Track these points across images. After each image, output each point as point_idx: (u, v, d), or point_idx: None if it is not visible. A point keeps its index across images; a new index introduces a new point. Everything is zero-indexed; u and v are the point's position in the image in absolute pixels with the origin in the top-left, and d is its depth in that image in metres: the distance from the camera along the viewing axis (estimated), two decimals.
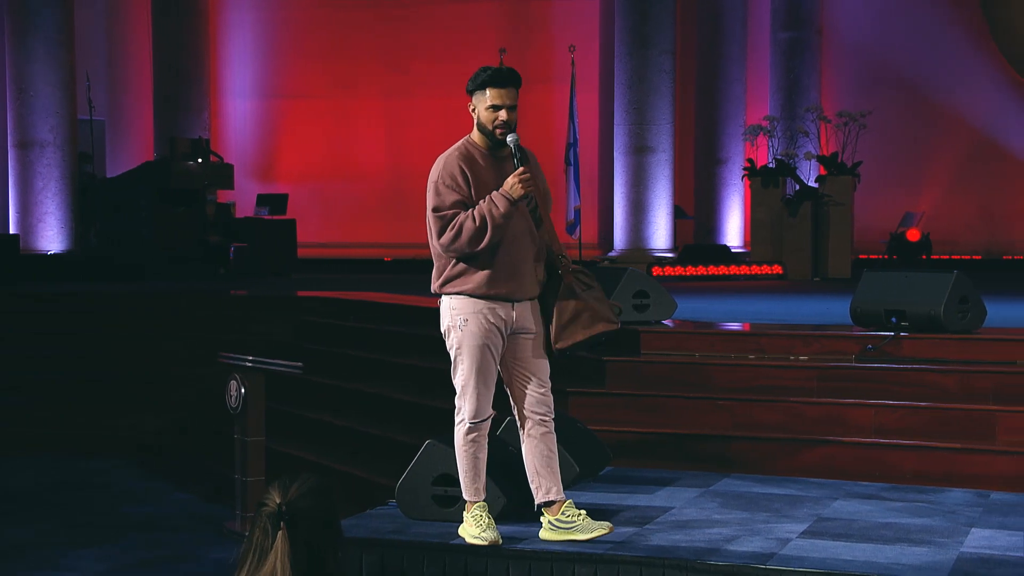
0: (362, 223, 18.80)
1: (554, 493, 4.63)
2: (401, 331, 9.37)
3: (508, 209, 4.41)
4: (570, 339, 4.54)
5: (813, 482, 5.83)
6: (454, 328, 4.56)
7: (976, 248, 17.39)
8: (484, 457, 4.65)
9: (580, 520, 4.60)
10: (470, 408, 4.57)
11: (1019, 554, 4.44)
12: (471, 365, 4.53)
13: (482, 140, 4.57)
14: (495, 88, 4.49)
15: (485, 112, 4.51)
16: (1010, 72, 17.59)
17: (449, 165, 4.53)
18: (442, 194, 4.49)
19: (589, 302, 4.55)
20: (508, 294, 4.51)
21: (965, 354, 6.59)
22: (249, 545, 2.56)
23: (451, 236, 4.45)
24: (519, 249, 4.52)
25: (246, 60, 19.51)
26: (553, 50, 18.11)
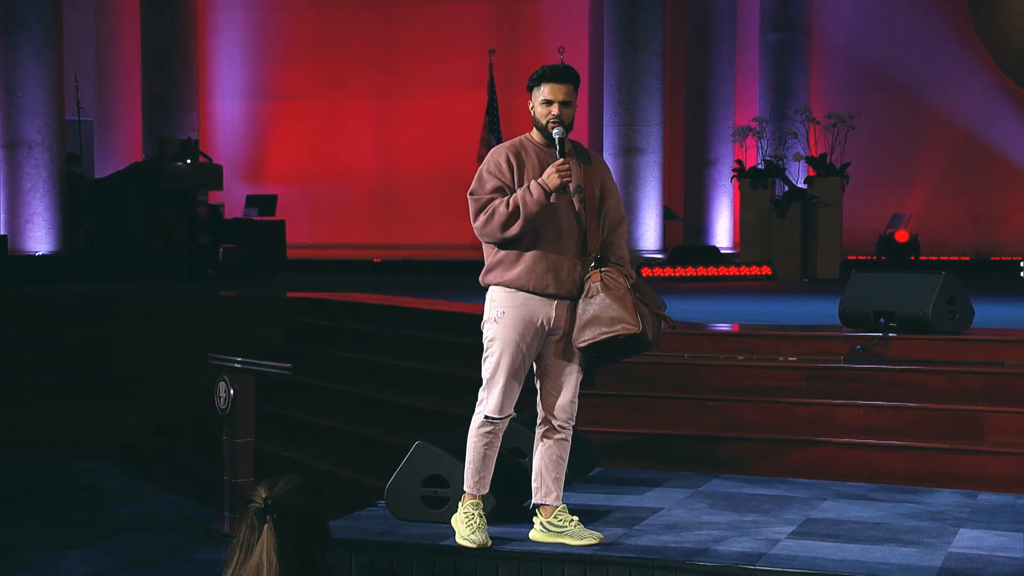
0: (351, 224, 18.78)
1: (552, 498, 4.64)
2: (391, 332, 9.36)
3: (542, 198, 4.37)
4: (588, 339, 4.45)
5: (802, 483, 5.84)
6: (491, 320, 4.51)
7: (964, 249, 17.44)
8: (494, 456, 4.60)
9: (571, 526, 4.60)
10: (492, 402, 4.50)
11: (1007, 555, 4.45)
12: (501, 359, 4.47)
13: (538, 136, 4.57)
14: (550, 83, 4.49)
15: (540, 107, 4.52)
16: (998, 74, 17.65)
17: (497, 154, 4.54)
18: (484, 180, 4.50)
19: (610, 303, 4.44)
20: (548, 288, 4.46)
21: (953, 355, 6.61)
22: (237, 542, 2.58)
23: (484, 219, 4.44)
24: (564, 246, 4.48)
25: (235, 61, 19.48)
26: (542, 51, 18.10)
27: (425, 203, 18.62)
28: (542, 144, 4.55)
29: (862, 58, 17.86)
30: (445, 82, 18.56)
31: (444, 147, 18.47)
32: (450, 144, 18.32)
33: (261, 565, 2.53)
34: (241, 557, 2.57)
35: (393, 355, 8.92)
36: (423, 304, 10.10)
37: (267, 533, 2.54)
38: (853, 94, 17.27)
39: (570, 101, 4.50)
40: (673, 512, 5.19)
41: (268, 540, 2.54)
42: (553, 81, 4.49)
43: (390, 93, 18.86)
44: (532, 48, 18.38)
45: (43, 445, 9.79)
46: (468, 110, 17.73)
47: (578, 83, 4.56)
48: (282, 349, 9.72)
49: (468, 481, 4.63)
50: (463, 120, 17.94)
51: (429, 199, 18.61)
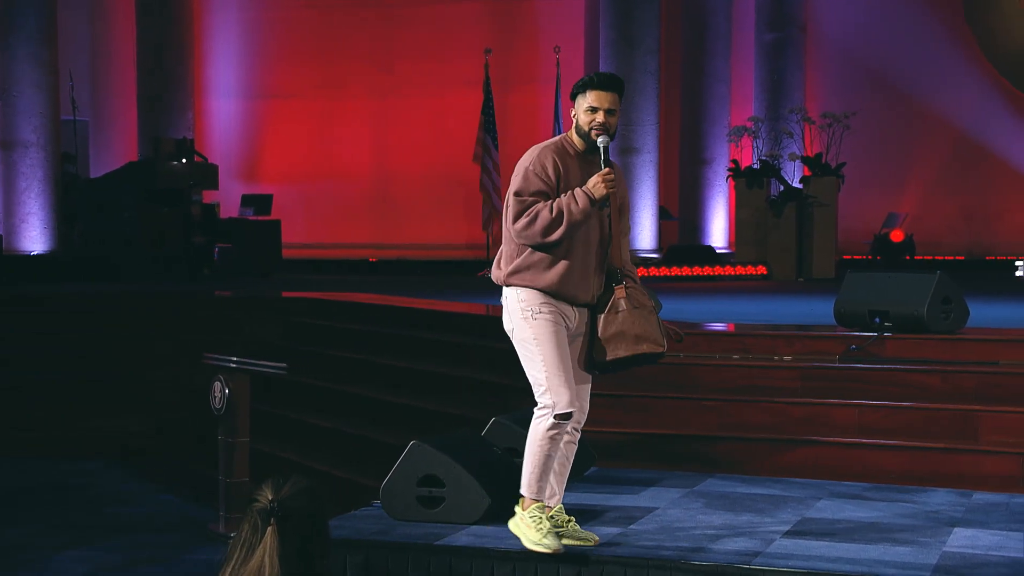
0: (347, 224, 18.78)
1: (555, 500, 4.62)
2: (387, 332, 9.36)
3: (587, 206, 4.36)
4: (611, 355, 4.43)
5: (797, 482, 5.85)
6: (526, 320, 4.43)
7: (959, 249, 17.47)
8: (556, 455, 4.51)
9: (568, 526, 4.58)
10: (559, 398, 4.38)
11: (1002, 554, 4.46)
12: (552, 353, 4.39)
13: (579, 141, 4.52)
14: (596, 91, 4.45)
15: (584, 114, 4.47)
16: (993, 74, 17.68)
17: (543, 155, 4.48)
18: (529, 180, 4.44)
19: (637, 319, 4.44)
20: (577, 297, 4.45)
21: (948, 354, 6.62)
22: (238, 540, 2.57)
23: (526, 222, 4.39)
24: (592, 256, 4.47)
25: (231, 60, 19.47)
26: (538, 51, 18.12)
27: (421, 203, 18.62)
28: (581, 149, 4.50)
29: (858, 58, 17.88)
30: (441, 82, 18.56)
31: (440, 147, 18.48)
32: (446, 144, 18.32)
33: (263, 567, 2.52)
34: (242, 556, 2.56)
35: (390, 355, 8.92)
36: (420, 304, 10.10)
37: (270, 535, 2.53)
38: (848, 94, 17.29)
39: (615, 109, 4.47)
40: (668, 512, 5.20)
41: (271, 542, 2.53)
42: (599, 89, 4.46)
43: (386, 93, 18.87)
44: (528, 47, 18.39)
45: (43, 445, 9.79)
46: (464, 110, 17.73)
47: (623, 91, 4.54)
48: (278, 349, 9.72)
49: (532, 486, 4.49)
50: (459, 120, 17.94)
51: (425, 199, 18.61)
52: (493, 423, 5.82)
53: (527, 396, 7.07)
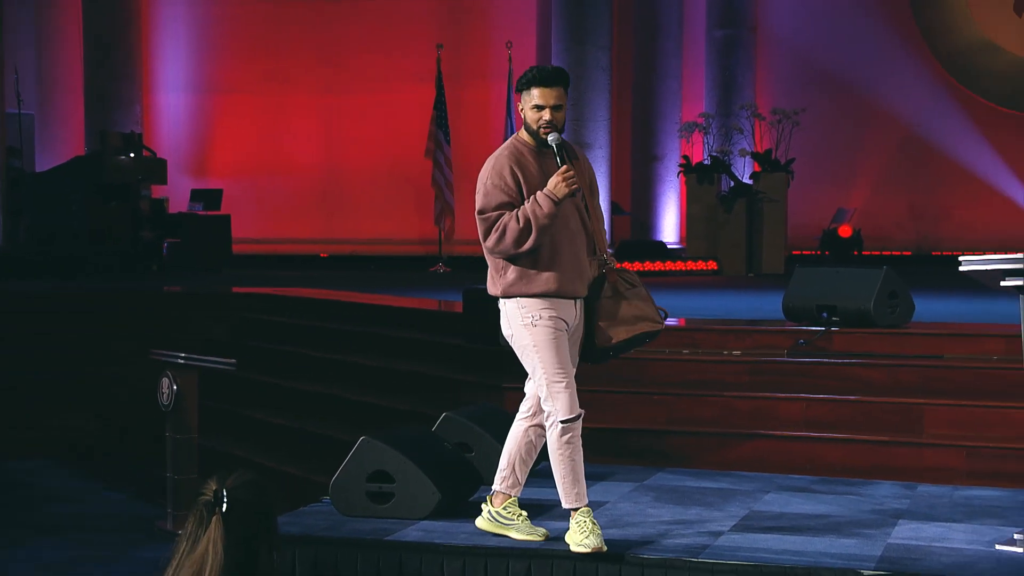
0: (298, 219, 18.67)
1: (516, 491, 4.61)
2: (337, 328, 9.33)
3: (552, 209, 4.32)
4: (613, 338, 4.44)
5: (745, 475, 5.89)
6: (526, 327, 4.40)
7: (906, 244, 17.68)
8: (581, 459, 4.46)
9: (519, 520, 4.59)
10: (562, 406, 4.38)
11: (944, 545, 4.52)
12: (552, 359, 4.37)
13: (528, 137, 4.48)
14: (540, 87, 4.40)
15: (530, 112, 4.42)
16: (940, 72, 17.90)
17: (499, 164, 4.43)
18: (489, 194, 4.40)
19: (633, 301, 4.46)
20: (574, 291, 4.43)
21: (894, 348, 6.71)
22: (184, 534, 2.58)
23: (496, 238, 4.36)
24: (578, 246, 4.44)
25: (179, 54, 19.28)
26: (490, 46, 18.10)
27: (373, 198, 18.55)
28: (534, 146, 4.47)
29: (807, 55, 18.03)
30: (392, 77, 18.49)
31: (390, 142, 18.41)
32: (397, 139, 18.26)
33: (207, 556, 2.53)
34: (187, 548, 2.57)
35: (339, 351, 8.89)
36: (371, 300, 10.07)
37: (215, 524, 2.55)
38: (798, 91, 17.44)
39: (561, 104, 4.42)
40: (618, 506, 5.22)
41: (216, 531, 2.54)
42: (542, 85, 4.40)
43: (336, 87, 18.77)
44: (480, 43, 18.37)
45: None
46: (414, 105, 17.68)
47: (568, 83, 4.48)
48: (227, 345, 9.65)
49: (568, 498, 4.43)
50: (410, 115, 17.89)
51: (377, 194, 18.54)
52: (444, 418, 5.81)
53: (478, 391, 7.09)
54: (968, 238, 17.01)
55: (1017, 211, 17.25)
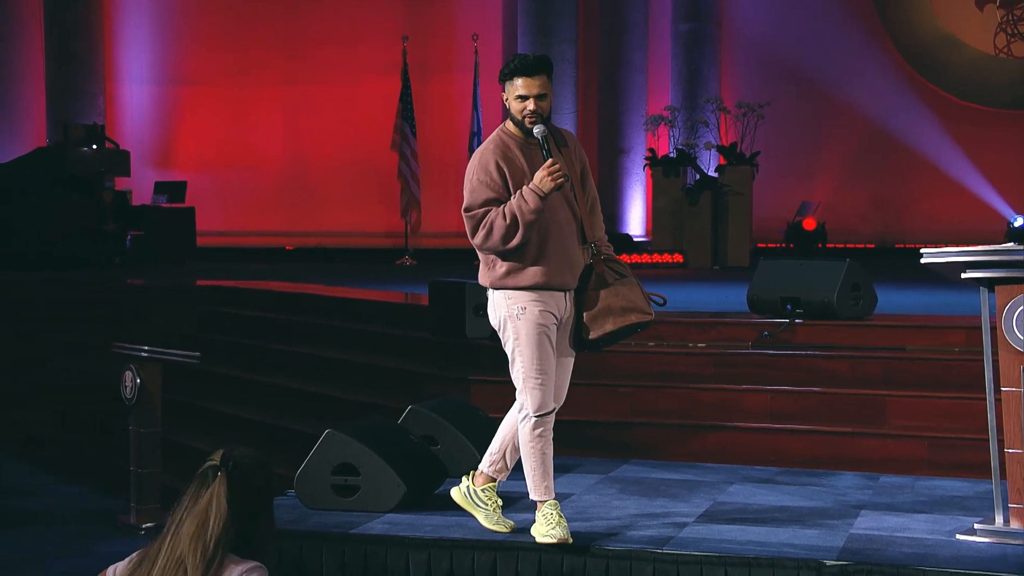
0: (262, 211, 18.57)
1: (502, 476, 4.61)
2: (302, 320, 9.29)
3: (538, 205, 4.28)
4: (601, 329, 4.39)
5: (710, 467, 5.92)
6: (511, 318, 4.39)
7: (870, 237, 17.81)
8: (551, 453, 4.48)
9: (491, 506, 4.57)
10: (533, 401, 4.39)
11: (906, 535, 4.56)
12: (531, 355, 4.37)
13: (515, 128, 4.44)
14: (523, 77, 4.35)
15: (515, 102, 4.38)
16: (903, 65, 18.03)
17: (484, 160, 4.40)
18: (475, 191, 4.37)
19: (621, 291, 4.40)
20: (563, 283, 4.40)
21: (857, 340, 6.76)
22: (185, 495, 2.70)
23: (483, 235, 4.34)
24: (567, 237, 4.40)
25: (142, 46, 19.11)
26: (456, 38, 18.06)
27: (338, 190, 18.48)
28: (521, 137, 4.43)
29: (771, 49, 18.11)
30: (357, 69, 18.41)
31: (356, 134, 18.34)
32: (362, 131, 18.19)
33: (210, 508, 2.64)
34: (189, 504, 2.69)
35: (305, 344, 8.85)
36: (335, 292, 10.04)
37: (220, 481, 2.67)
38: (762, 84, 17.51)
39: (546, 93, 4.38)
40: (584, 497, 5.23)
41: (220, 487, 2.66)
42: (525, 74, 4.35)
43: (301, 79, 18.67)
44: (445, 35, 18.33)
45: None
46: (380, 97, 17.62)
47: (552, 71, 4.43)
48: (191, 338, 9.58)
49: (536, 490, 4.45)
50: (375, 107, 17.83)
51: (342, 186, 18.47)
52: (410, 411, 5.81)
53: (444, 384, 7.09)
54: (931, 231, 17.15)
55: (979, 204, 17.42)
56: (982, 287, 4.50)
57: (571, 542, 4.39)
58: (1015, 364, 4.40)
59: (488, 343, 7.28)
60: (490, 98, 17.28)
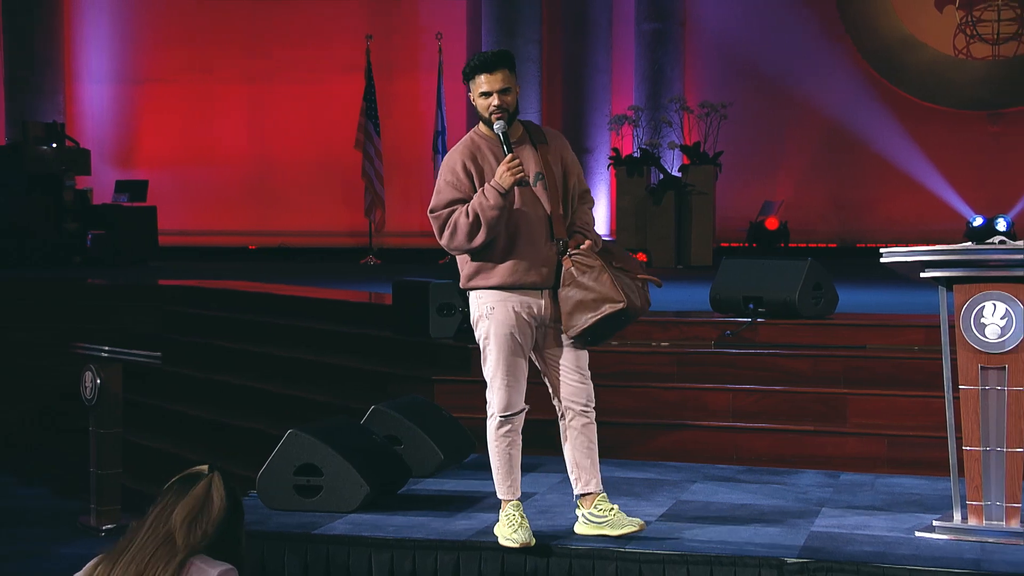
0: (225, 210, 18.45)
1: (593, 485, 4.53)
2: (264, 320, 9.24)
3: (498, 200, 4.26)
4: (576, 326, 4.35)
5: (672, 466, 5.94)
6: (482, 317, 4.41)
7: (832, 236, 17.93)
8: (518, 454, 4.49)
9: (611, 515, 4.49)
10: (498, 400, 4.42)
11: (866, 532, 4.60)
12: (498, 355, 4.38)
13: (486, 128, 4.42)
14: (484, 74, 4.34)
15: (480, 100, 4.36)
16: (863, 66, 18.17)
17: (451, 161, 4.40)
18: (441, 192, 4.37)
19: (589, 284, 4.33)
20: (533, 283, 4.37)
21: (819, 339, 6.81)
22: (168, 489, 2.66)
23: (448, 235, 4.34)
24: (536, 237, 4.37)
25: (103, 43, 18.94)
26: (420, 37, 18.03)
27: (302, 189, 18.39)
28: (492, 137, 4.41)
29: (734, 49, 18.20)
30: (320, 67, 18.33)
31: (319, 133, 18.26)
32: (326, 130, 18.12)
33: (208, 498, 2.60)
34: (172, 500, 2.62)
35: (267, 344, 8.81)
36: (298, 292, 10.00)
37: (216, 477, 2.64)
38: (726, 84, 17.59)
39: (509, 87, 4.36)
40: (547, 497, 5.24)
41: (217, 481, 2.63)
42: (485, 71, 4.35)
43: (264, 78, 18.56)
44: (410, 34, 18.29)
45: None
46: (344, 95, 17.55)
47: (513, 64, 4.42)
48: (153, 338, 9.51)
49: (499, 488, 4.47)
50: (339, 106, 17.76)
51: (306, 185, 18.38)
52: (373, 411, 5.80)
53: (408, 384, 7.07)
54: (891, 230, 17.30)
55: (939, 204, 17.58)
56: (940, 286, 4.54)
57: (533, 544, 4.39)
58: (973, 362, 4.45)
59: (452, 343, 7.28)
60: (454, 97, 17.27)
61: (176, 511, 2.59)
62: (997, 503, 4.43)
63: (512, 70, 4.41)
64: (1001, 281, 4.43)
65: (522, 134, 4.48)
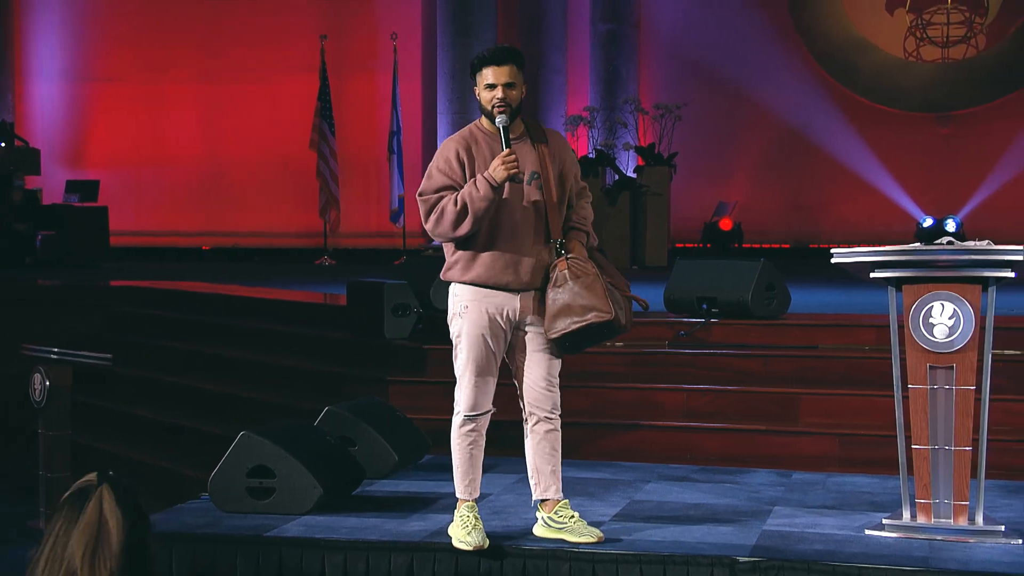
0: (178, 211, 18.30)
1: (552, 492, 4.52)
2: (216, 321, 9.18)
3: (488, 192, 4.24)
4: (561, 329, 4.32)
5: (627, 465, 5.96)
6: (455, 315, 4.40)
7: (785, 237, 18.07)
8: (480, 455, 4.47)
9: (571, 522, 4.48)
10: (464, 400, 4.40)
11: (817, 531, 4.64)
12: (467, 354, 4.36)
13: (487, 123, 4.40)
14: (491, 67, 4.34)
15: (484, 92, 4.34)
16: (816, 68, 18.33)
17: (446, 148, 4.38)
18: (433, 178, 4.35)
19: (580, 291, 4.31)
20: (509, 284, 4.34)
21: (771, 339, 6.86)
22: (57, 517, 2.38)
23: (434, 220, 4.31)
24: (522, 236, 4.35)
25: (54, 41, 18.72)
26: (375, 38, 17.97)
27: (255, 190, 18.27)
28: (492, 132, 4.39)
29: (688, 50, 18.29)
30: (274, 67, 18.22)
31: (273, 133, 18.15)
32: (280, 130, 18.01)
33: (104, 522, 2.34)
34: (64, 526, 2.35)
35: (219, 345, 8.75)
36: (250, 293, 9.94)
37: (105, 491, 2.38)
38: (680, 85, 17.68)
39: (514, 82, 4.35)
40: (502, 497, 5.24)
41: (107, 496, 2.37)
42: (493, 64, 4.35)
43: (217, 77, 18.42)
44: (365, 34, 18.22)
45: None
46: (298, 96, 17.46)
47: (521, 61, 4.41)
48: (103, 340, 9.42)
49: (459, 487, 4.46)
50: (293, 106, 17.66)
51: (260, 186, 18.27)
52: (327, 412, 5.77)
53: (362, 385, 7.05)
54: (843, 231, 17.46)
55: (890, 205, 17.76)
56: (890, 286, 4.59)
57: (487, 547, 4.39)
58: (922, 362, 4.50)
59: (406, 344, 7.26)
60: (409, 98, 17.23)
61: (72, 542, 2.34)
62: (945, 501, 4.48)
63: (520, 67, 4.41)
64: (949, 281, 4.48)
65: (523, 132, 4.47)
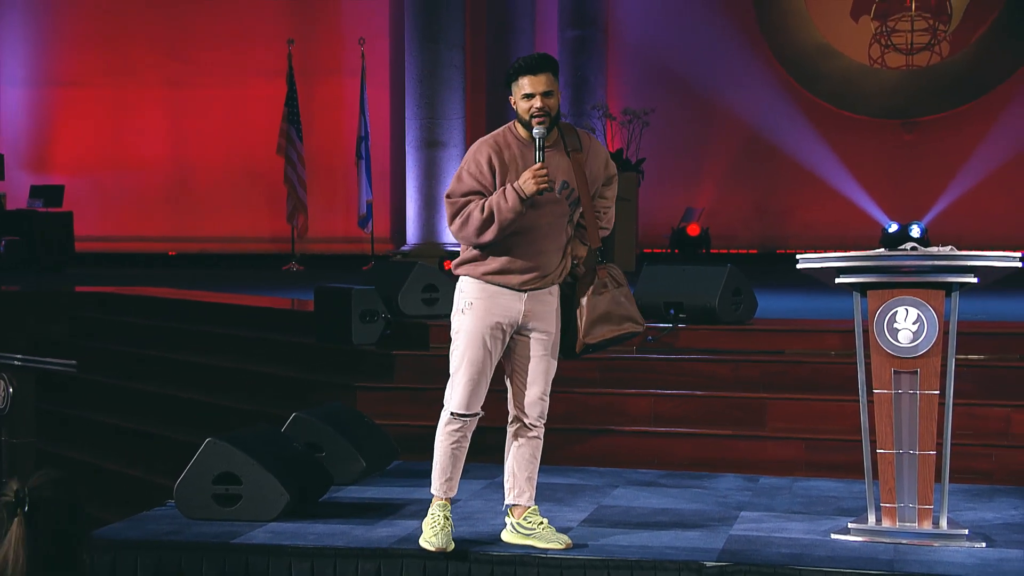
0: (144, 216, 18.18)
1: (524, 499, 4.52)
2: (182, 327, 9.12)
3: (517, 205, 4.22)
4: (598, 336, 4.39)
5: (595, 471, 5.98)
6: (458, 311, 4.40)
7: (752, 242, 18.17)
8: (462, 456, 4.45)
9: (540, 528, 4.48)
10: (456, 398, 4.39)
11: (783, 535, 4.66)
12: (464, 353, 4.36)
13: (522, 130, 4.39)
14: (528, 76, 4.33)
15: (522, 102, 4.34)
16: (781, 74, 18.44)
17: (479, 152, 4.36)
18: (462, 180, 4.34)
19: (620, 300, 4.44)
20: (520, 284, 4.35)
21: (738, 344, 6.89)
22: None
23: (459, 223, 4.31)
24: (542, 242, 4.35)
25: (15, 45, 18.57)
26: (343, 43, 17.93)
27: (222, 195, 18.19)
28: (525, 139, 4.37)
29: (656, 56, 18.36)
30: (241, 71, 18.14)
31: (240, 138, 18.08)
32: (247, 135, 17.94)
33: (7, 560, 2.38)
34: None
35: (185, 351, 8.69)
36: (216, 298, 9.88)
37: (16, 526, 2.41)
38: (648, 91, 17.74)
39: (552, 91, 4.34)
40: (470, 503, 5.24)
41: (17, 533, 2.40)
42: (530, 73, 4.34)
43: (183, 81, 18.32)
44: (332, 39, 18.18)
45: None
46: (265, 100, 17.40)
47: (557, 69, 4.42)
48: (68, 346, 9.35)
49: (435, 483, 4.45)
50: (260, 110, 17.59)
51: (226, 191, 18.18)
52: (294, 418, 5.75)
53: (330, 391, 7.02)
54: (810, 237, 17.56)
55: (855, 211, 17.89)
56: (855, 292, 4.62)
57: (450, 550, 4.38)
58: (886, 367, 4.53)
59: (374, 350, 7.25)
60: (377, 103, 17.20)
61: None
62: (910, 505, 4.51)
63: (556, 74, 4.41)
64: (913, 287, 4.52)
65: (556, 138, 4.43)
